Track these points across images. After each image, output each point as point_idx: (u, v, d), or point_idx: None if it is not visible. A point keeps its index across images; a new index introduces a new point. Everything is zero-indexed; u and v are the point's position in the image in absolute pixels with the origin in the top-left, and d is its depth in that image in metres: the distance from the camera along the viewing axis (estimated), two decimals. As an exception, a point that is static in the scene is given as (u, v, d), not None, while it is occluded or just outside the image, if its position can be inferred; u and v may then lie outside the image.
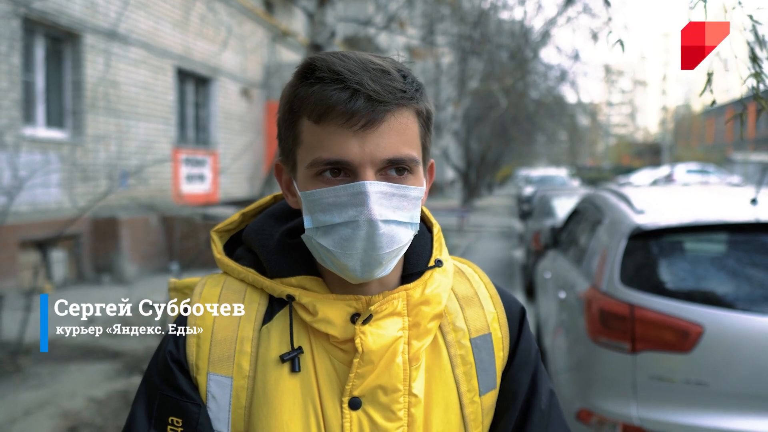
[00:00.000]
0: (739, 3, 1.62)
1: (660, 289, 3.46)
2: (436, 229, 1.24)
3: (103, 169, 10.22)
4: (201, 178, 13.12)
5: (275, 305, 1.14)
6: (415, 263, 1.17)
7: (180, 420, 1.07)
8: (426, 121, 1.10)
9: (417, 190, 1.06)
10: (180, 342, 1.11)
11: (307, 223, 1.06)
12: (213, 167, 13.53)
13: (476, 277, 1.29)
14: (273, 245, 1.16)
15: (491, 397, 1.21)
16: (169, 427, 1.08)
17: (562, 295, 4.68)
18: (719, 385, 3.24)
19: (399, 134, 1.03)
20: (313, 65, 1.03)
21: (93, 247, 10.15)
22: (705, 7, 1.57)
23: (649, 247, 3.67)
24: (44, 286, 8.93)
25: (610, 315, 3.51)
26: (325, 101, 1.00)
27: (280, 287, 1.12)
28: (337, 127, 1.01)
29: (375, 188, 1.01)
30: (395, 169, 1.04)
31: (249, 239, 1.21)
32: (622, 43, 1.98)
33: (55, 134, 9.65)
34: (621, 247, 3.69)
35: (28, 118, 9.21)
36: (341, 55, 1.04)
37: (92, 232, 10.09)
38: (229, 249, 1.25)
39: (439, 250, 1.22)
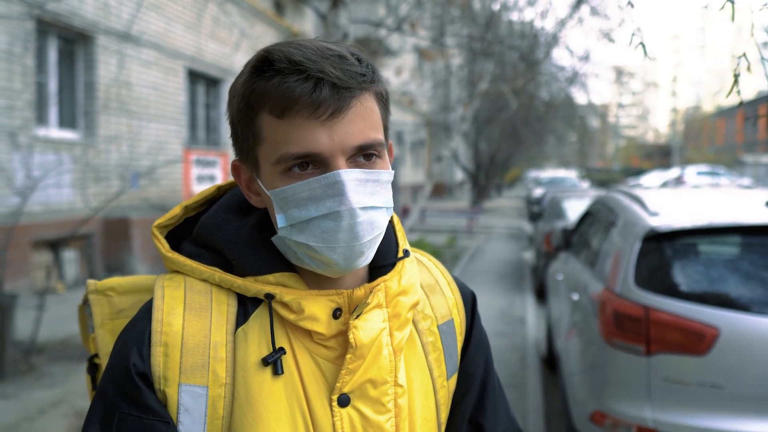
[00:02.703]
0: (766, 5, 1.60)
1: (674, 292, 3.45)
2: (396, 219, 1.21)
3: (114, 170, 10.27)
4: (211, 178, 13.17)
5: (248, 305, 1.06)
6: (385, 254, 1.13)
7: None
8: (385, 102, 1.07)
9: (387, 173, 1.04)
10: (144, 352, 0.99)
11: (281, 221, 1.01)
12: (223, 168, 13.57)
13: (433, 265, 1.29)
14: (242, 241, 1.08)
15: (454, 380, 1.23)
16: None
17: (575, 296, 4.67)
18: (735, 387, 3.23)
19: (365, 119, 1.00)
20: (270, 57, 0.98)
21: (104, 247, 10.20)
22: (733, 7, 1.55)
23: (664, 249, 3.66)
24: (56, 286, 8.99)
25: (624, 317, 3.51)
26: (288, 94, 0.95)
27: (256, 286, 1.05)
28: (303, 120, 0.96)
29: (350, 176, 0.97)
30: (363, 155, 1.01)
31: (205, 235, 1.11)
32: (644, 46, 1.96)
33: (67, 135, 9.70)
34: (635, 249, 3.68)
35: (41, 118, 9.26)
36: (297, 44, 1.00)
37: (104, 233, 10.14)
38: (170, 245, 1.15)
39: (403, 239, 1.19)
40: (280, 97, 0.96)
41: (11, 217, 7.20)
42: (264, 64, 0.99)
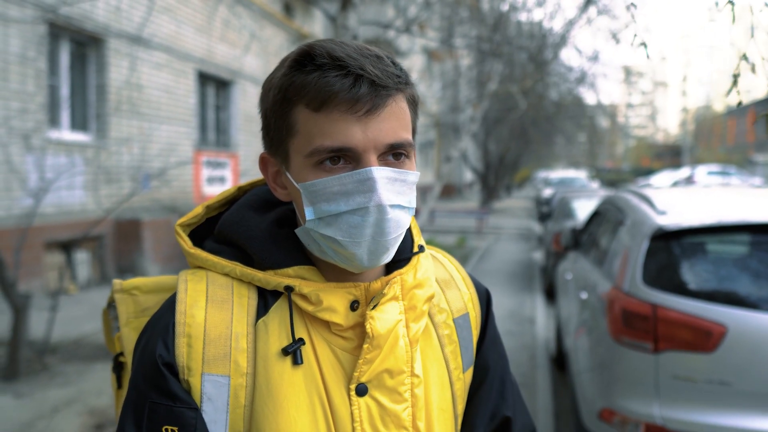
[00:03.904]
0: (766, 4, 1.62)
1: (682, 290, 3.47)
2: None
3: (126, 172, 10.34)
4: (222, 180, 13.23)
5: (268, 298, 1.10)
6: (401, 250, 1.16)
7: (175, 428, 1.00)
8: (415, 106, 1.10)
9: (414, 174, 1.06)
10: (169, 343, 1.03)
11: (309, 214, 1.04)
12: (234, 169, 13.64)
13: (447, 261, 1.33)
14: (262, 236, 1.12)
15: (470, 374, 1.26)
16: None
17: (584, 295, 4.69)
18: (742, 384, 3.24)
19: (398, 119, 1.03)
20: (312, 52, 1.01)
21: (116, 248, 10.27)
22: (732, 9, 1.58)
23: (672, 248, 3.67)
24: (69, 287, 9.06)
25: (632, 315, 3.53)
26: (328, 88, 0.98)
27: (276, 279, 1.08)
28: (340, 114, 0.99)
29: (382, 174, 1.00)
30: (393, 154, 1.03)
31: (227, 232, 1.15)
32: (645, 46, 1.99)
33: (79, 137, 9.78)
34: (643, 248, 3.70)
35: (54, 121, 9.34)
36: (337, 41, 1.03)
37: (115, 234, 10.22)
38: (192, 243, 1.19)
39: (419, 235, 1.23)
40: (319, 91, 0.99)
41: (25, 218, 7.28)
42: (305, 59, 1.02)
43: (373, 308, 1.08)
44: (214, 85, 13.41)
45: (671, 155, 66.36)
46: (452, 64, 18.71)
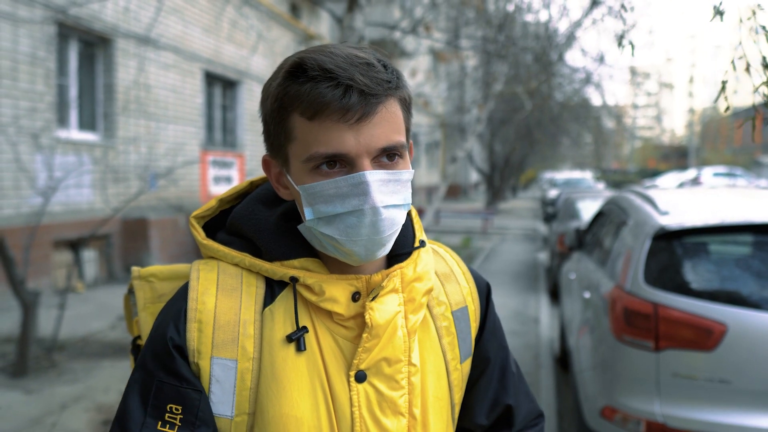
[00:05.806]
0: (754, 13, 1.67)
1: (684, 289, 3.51)
2: (414, 212, 1.31)
3: (133, 171, 10.41)
4: (228, 179, 13.29)
5: (275, 288, 1.16)
6: (402, 244, 1.22)
7: (180, 407, 1.07)
8: (408, 107, 1.15)
9: (408, 173, 1.12)
10: (181, 328, 1.10)
11: (308, 214, 1.10)
12: (240, 169, 13.70)
13: (448, 256, 1.38)
14: (269, 229, 1.19)
15: (468, 364, 1.32)
16: (167, 415, 1.06)
17: (587, 295, 4.73)
18: (742, 382, 3.28)
19: (389, 123, 1.08)
20: (303, 64, 1.06)
21: (123, 247, 10.34)
22: (722, 17, 1.62)
23: (674, 248, 3.71)
24: (76, 285, 9.13)
25: (634, 314, 3.57)
26: (320, 99, 1.03)
27: (282, 269, 1.15)
28: (332, 123, 1.04)
29: (374, 177, 1.05)
30: (386, 155, 1.09)
31: (237, 224, 1.22)
32: (632, 46, 2.04)
33: (87, 136, 9.85)
34: (645, 248, 3.74)
35: (62, 120, 9.41)
36: (328, 51, 1.08)
37: (122, 233, 10.29)
38: (206, 234, 1.26)
39: (420, 231, 1.28)
40: (312, 102, 1.05)
41: (34, 216, 7.34)
42: (297, 70, 1.07)
43: (372, 299, 1.14)
44: (221, 85, 13.47)
45: (677, 156, 66.16)
46: (458, 64, 18.74)
